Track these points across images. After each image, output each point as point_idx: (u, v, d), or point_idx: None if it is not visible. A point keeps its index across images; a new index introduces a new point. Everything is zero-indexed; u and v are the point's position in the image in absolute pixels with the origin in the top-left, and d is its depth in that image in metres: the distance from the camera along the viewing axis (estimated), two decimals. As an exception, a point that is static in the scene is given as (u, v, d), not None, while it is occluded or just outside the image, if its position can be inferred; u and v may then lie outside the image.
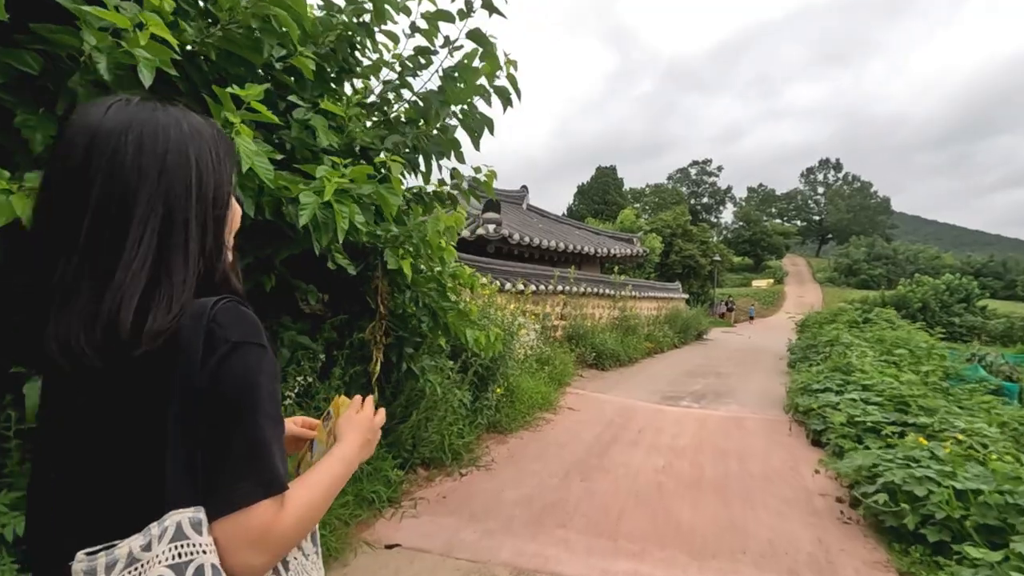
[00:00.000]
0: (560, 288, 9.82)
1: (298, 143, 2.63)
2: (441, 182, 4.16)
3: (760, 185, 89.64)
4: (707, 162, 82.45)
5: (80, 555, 0.61)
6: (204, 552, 0.61)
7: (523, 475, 4.17)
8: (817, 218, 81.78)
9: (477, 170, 3.91)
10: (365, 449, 0.90)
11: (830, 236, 79.08)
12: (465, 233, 9.37)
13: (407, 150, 3.13)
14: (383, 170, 2.52)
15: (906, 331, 11.94)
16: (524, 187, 15.65)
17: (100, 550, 0.61)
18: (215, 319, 0.68)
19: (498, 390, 4.84)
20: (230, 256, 0.81)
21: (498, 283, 8.46)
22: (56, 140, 0.70)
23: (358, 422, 0.91)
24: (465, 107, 3.16)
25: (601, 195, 49.04)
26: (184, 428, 0.64)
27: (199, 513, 0.63)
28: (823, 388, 5.73)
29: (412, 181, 3.89)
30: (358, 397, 0.97)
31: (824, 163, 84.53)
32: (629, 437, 5.31)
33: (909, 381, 5.24)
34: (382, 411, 0.97)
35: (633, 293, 13.09)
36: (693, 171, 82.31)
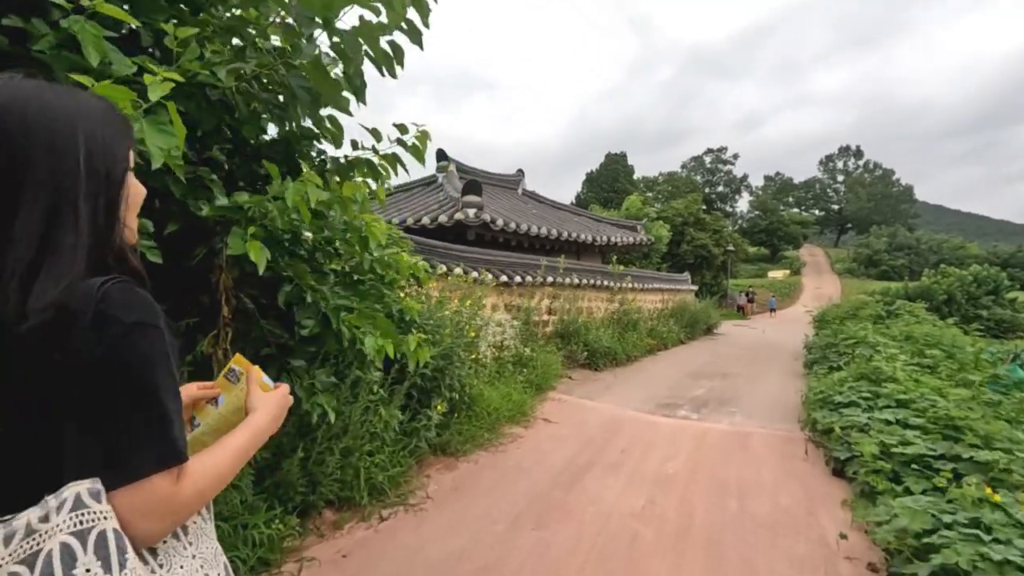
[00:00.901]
0: (549, 279, 8.88)
1: (54, 62, 1.74)
2: (356, 144, 3.28)
3: (777, 173, 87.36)
4: (722, 150, 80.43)
5: None
6: (105, 519, 0.64)
7: (461, 519, 3.27)
8: (836, 207, 79.51)
9: (403, 129, 3.02)
10: (275, 423, 0.92)
11: (850, 226, 76.87)
12: (443, 218, 8.45)
13: (257, 83, 2.23)
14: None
15: (935, 326, 10.82)
16: (520, 171, 14.64)
17: None
18: (104, 299, 0.68)
19: (439, 407, 3.94)
20: (129, 235, 0.80)
21: (475, 274, 7.56)
22: None
23: (268, 398, 0.93)
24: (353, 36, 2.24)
25: (610, 183, 47.64)
26: (79, 405, 0.66)
27: (96, 484, 0.65)
28: (847, 402, 4.75)
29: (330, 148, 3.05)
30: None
31: (844, 150, 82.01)
32: (609, 459, 4.40)
33: (959, 398, 4.23)
34: (285, 386, 1.00)
35: (634, 285, 12.10)
36: (708, 159, 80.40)
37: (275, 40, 2.51)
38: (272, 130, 2.73)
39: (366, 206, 3.15)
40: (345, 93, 2.47)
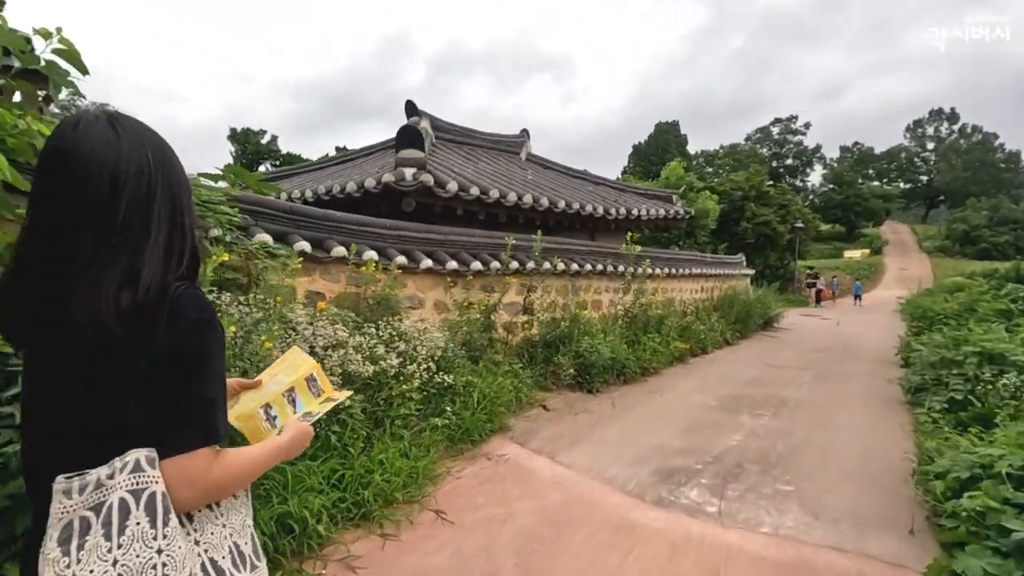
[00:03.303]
0: (530, 264, 6.40)
1: None
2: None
3: (855, 143, 79.05)
4: (792, 119, 73.37)
5: (60, 478, 0.78)
6: (156, 483, 0.79)
7: None
8: (925, 178, 70.97)
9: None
10: (299, 447, 1.07)
11: (941, 198, 68.42)
12: (370, 183, 6.10)
13: None
14: None
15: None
16: (524, 131, 12.01)
17: (75, 476, 0.78)
18: (177, 300, 0.84)
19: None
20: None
21: (402, 260, 5.24)
22: (61, 157, 0.83)
23: (297, 427, 1.08)
24: None
25: (660, 155, 43.13)
26: (148, 385, 0.82)
27: (153, 452, 0.81)
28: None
29: None
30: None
31: (936, 114, 72.85)
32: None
33: None
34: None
35: (661, 270, 9.36)
36: (775, 130, 73.57)
37: None
38: None
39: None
40: None
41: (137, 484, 0.77)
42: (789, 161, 72.24)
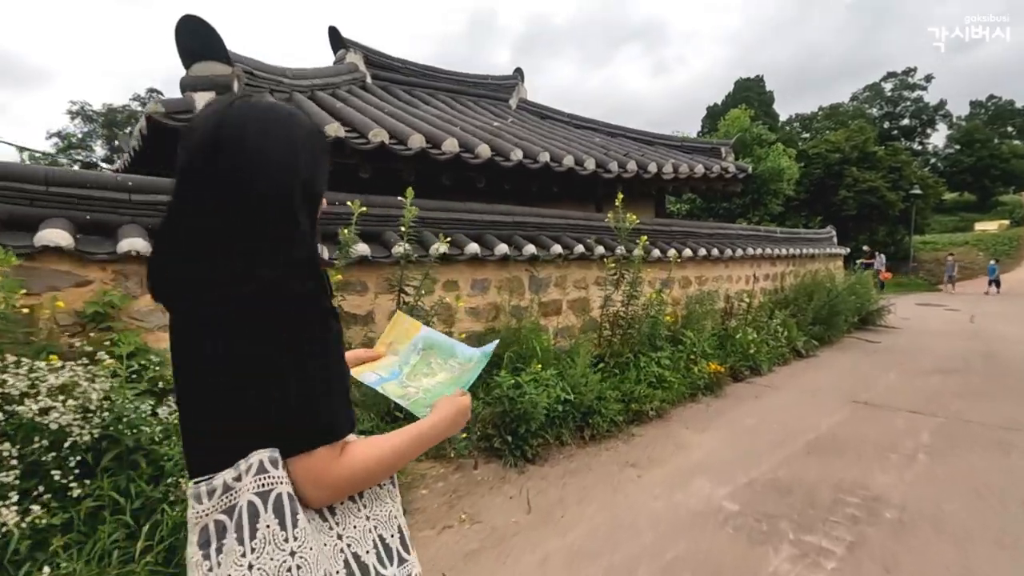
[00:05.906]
0: (441, 250, 3.87)
1: None
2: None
3: (990, 97, 66.97)
4: (909, 72, 63.11)
5: (191, 483, 0.77)
6: (281, 483, 0.74)
7: None
8: (1085, 133, 58.61)
9: None
10: (453, 427, 0.97)
11: (1107, 156, 56.21)
12: (143, 124, 3.72)
13: None
14: None
15: None
16: (518, 71, 9.23)
17: (204, 479, 0.75)
18: (280, 289, 0.74)
19: None
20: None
21: (133, 243, 2.95)
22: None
23: (452, 402, 0.98)
24: None
25: (741, 118, 37.75)
26: (261, 381, 0.73)
27: (275, 453, 0.74)
28: None
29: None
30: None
31: (1101, 54, 59.66)
32: None
33: None
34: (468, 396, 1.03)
35: (688, 250, 6.40)
36: (888, 86, 63.62)
37: None
38: None
39: None
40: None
41: (263, 486, 0.73)
42: (905, 121, 62.35)
